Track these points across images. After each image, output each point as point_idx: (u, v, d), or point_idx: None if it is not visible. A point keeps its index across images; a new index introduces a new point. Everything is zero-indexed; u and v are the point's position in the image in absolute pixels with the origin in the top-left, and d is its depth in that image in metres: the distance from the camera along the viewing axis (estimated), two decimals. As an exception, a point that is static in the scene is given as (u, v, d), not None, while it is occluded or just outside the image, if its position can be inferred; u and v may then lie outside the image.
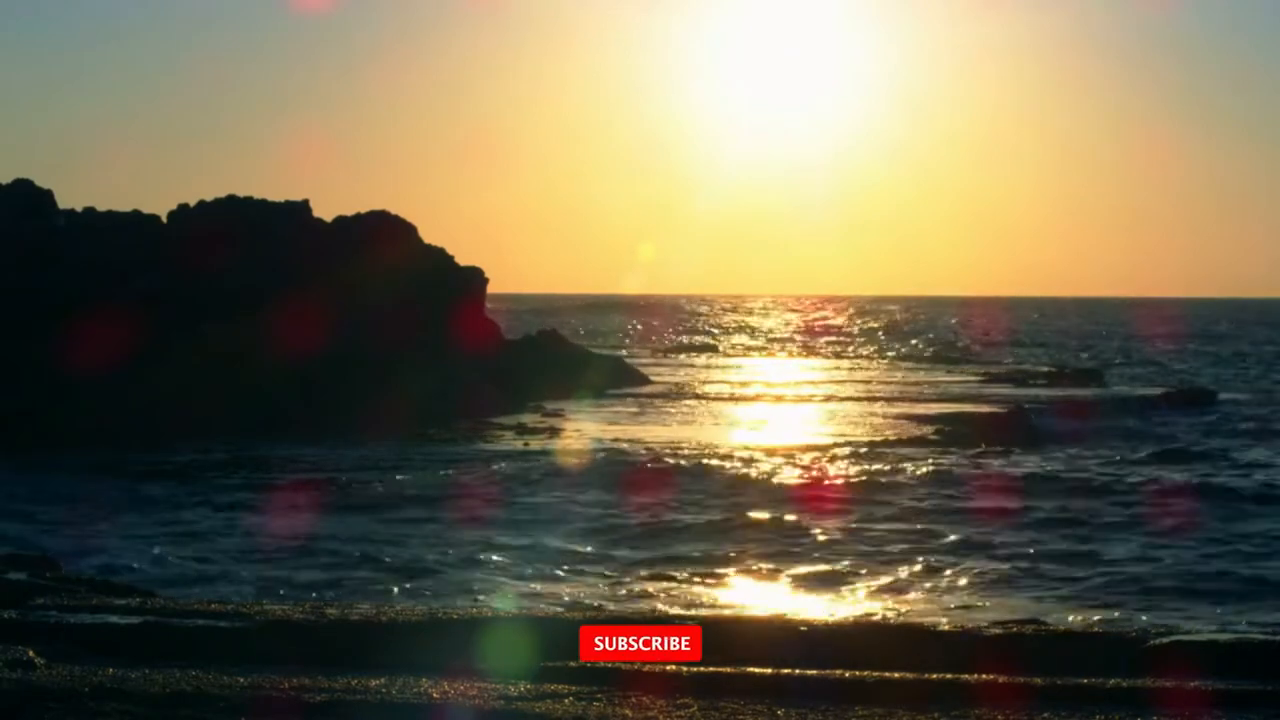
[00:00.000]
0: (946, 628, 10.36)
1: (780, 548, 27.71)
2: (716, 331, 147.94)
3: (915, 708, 8.26)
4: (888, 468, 38.57)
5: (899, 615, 21.33)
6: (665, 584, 24.35)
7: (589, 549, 27.43)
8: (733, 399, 63.29)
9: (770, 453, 41.52)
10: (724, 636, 9.83)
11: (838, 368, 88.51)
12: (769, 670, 8.95)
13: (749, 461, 39.47)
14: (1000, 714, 8.08)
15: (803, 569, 25.68)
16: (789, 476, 36.91)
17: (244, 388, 45.45)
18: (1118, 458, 42.30)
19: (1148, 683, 8.81)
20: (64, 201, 52.75)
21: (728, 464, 38.98)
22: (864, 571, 25.60)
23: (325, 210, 56.34)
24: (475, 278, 58.75)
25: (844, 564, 26.18)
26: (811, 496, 33.75)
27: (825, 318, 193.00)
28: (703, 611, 19.12)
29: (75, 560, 23.49)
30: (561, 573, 25.15)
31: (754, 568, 25.95)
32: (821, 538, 28.71)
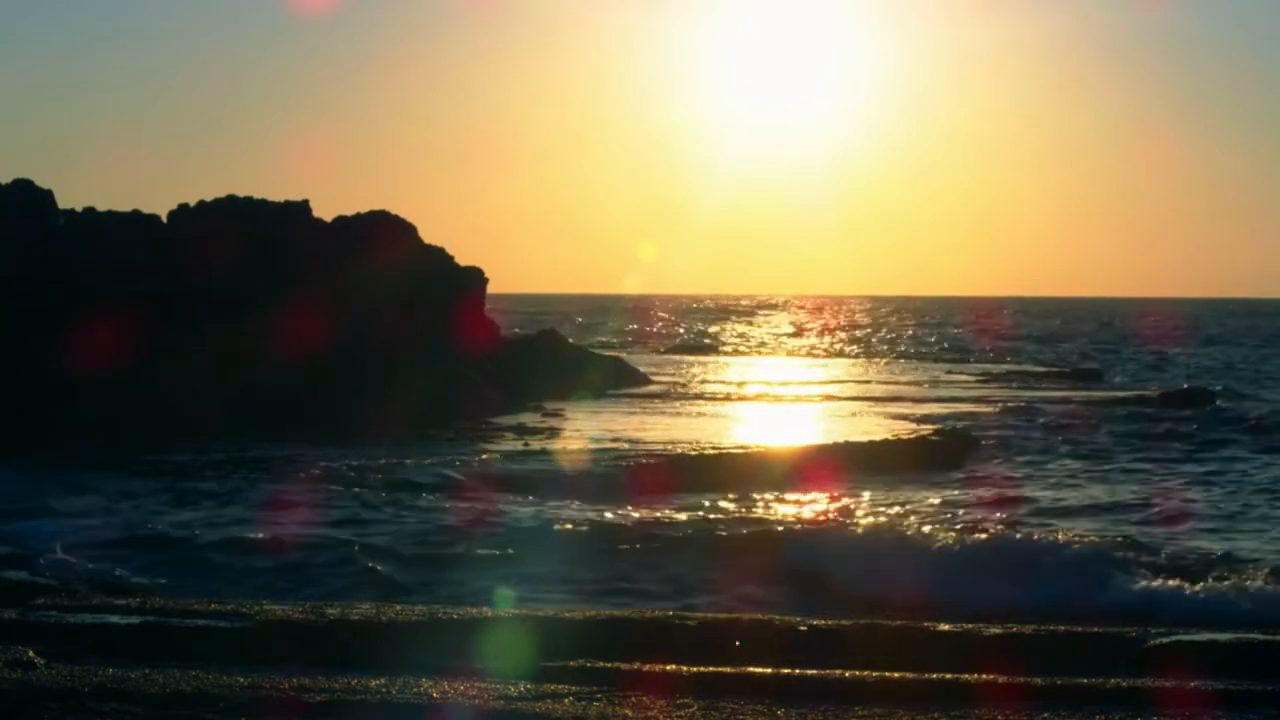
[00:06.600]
0: (946, 628, 10.36)
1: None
2: (717, 331, 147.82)
3: (915, 708, 8.26)
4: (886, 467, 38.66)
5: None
6: (665, 580, 24.34)
7: (589, 549, 27.40)
8: (733, 399, 63.28)
9: (771, 452, 41.49)
10: (724, 636, 9.82)
11: (838, 367, 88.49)
12: (769, 670, 8.95)
13: (749, 459, 39.46)
14: (1000, 714, 8.08)
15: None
16: (788, 475, 36.89)
17: (244, 388, 45.42)
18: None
19: (1148, 683, 8.81)
20: (64, 201, 52.70)
21: (727, 463, 38.96)
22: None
23: (325, 210, 56.32)
24: (475, 278, 58.73)
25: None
26: (811, 493, 33.79)
27: (825, 317, 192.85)
28: (702, 610, 19.10)
29: (74, 560, 23.49)
30: (561, 572, 25.11)
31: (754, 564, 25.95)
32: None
